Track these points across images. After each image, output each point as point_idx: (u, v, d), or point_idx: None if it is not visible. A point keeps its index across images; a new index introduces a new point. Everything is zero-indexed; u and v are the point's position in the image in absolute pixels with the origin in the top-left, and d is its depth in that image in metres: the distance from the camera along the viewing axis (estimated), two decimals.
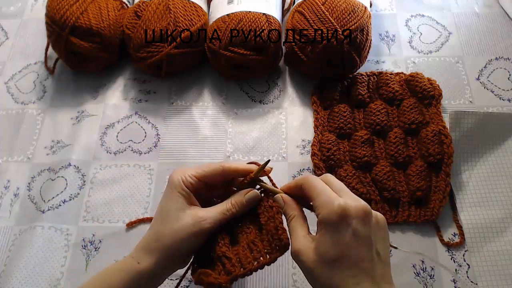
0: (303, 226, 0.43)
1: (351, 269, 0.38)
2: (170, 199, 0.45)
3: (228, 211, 0.45)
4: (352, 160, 0.64)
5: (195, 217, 0.43)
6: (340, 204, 0.39)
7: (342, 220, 0.38)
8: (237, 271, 0.42)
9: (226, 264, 0.42)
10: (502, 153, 0.64)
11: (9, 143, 0.70)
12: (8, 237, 0.61)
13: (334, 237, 0.38)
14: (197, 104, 0.72)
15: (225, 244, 0.44)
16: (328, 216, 0.39)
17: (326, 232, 0.39)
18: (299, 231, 0.42)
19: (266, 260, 0.43)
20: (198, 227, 0.43)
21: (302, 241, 0.41)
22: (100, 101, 0.73)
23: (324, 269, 0.39)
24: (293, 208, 0.45)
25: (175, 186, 0.44)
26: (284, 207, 0.45)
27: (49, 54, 0.76)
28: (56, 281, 0.57)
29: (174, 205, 0.44)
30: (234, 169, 0.47)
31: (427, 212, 0.60)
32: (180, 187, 0.44)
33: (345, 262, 0.38)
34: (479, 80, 0.72)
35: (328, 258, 0.38)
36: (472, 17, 0.80)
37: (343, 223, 0.38)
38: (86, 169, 0.66)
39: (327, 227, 0.39)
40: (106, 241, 0.60)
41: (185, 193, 0.44)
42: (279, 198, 0.46)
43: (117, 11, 0.72)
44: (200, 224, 0.43)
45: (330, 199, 0.40)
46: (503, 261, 0.57)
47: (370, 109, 0.67)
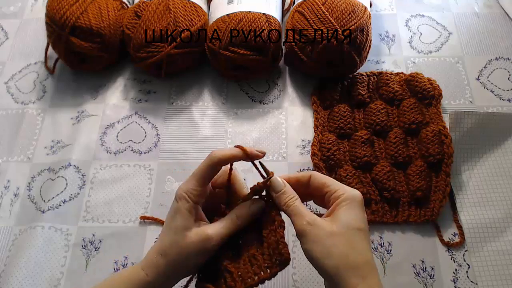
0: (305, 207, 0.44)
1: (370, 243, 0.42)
2: (177, 216, 0.44)
3: (233, 224, 0.45)
4: (352, 160, 0.64)
5: (202, 236, 0.43)
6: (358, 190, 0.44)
7: (363, 203, 0.44)
8: (238, 286, 0.42)
9: (227, 278, 0.43)
10: (502, 153, 0.64)
11: (9, 143, 0.70)
12: (8, 237, 0.61)
13: (360, 212, 0.43)
14: (197, 104, 0.72)
15: (227, 257, 0.44)
16: (353, 195, 0.43)
17: (352, 206, 0.42)
18: (306, 208, 0.44)
19: (266, 275, 0.43)
20: (204, 245, 0.43)
21: (313, 215, 0.43)
22: (100, 101, 0.73)
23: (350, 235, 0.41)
24: (293, 191, 0.45)
25: (181, 203, 0.44)
26: (284, 188, 0.45)
27: (49, 54, 0.76)
28: (56, 281, 0.57)
29: (181, 224, 0.44)
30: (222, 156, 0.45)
31: (427, 212, 0.60)
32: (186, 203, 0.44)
33: (367, 235, 0.42)
34: (479, 80, 0.72)
35: (355, 226, 0.41)
36: (472, 17, 0.80)
37: (363, 206, 0.43)
38: (86, 169, 0.66)
39: (353, 203, 0.43)
40: (106, 241, 0.60)
41: (192, 208, 0.44)
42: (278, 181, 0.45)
43: (117, 11, 0.72)
44: (207, 242, 0.43)
45: (346, 186, 0.44)
46: (503, 261, 0.57)
47: (370, 109, 0.67)
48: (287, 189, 0.45)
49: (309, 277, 0.57)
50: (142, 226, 0.62)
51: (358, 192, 0.44)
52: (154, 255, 0.45)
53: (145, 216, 0.62)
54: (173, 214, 0.45)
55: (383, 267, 0.57)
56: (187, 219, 0.44)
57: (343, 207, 0.42)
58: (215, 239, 0.44)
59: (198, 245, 0.43)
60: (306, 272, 0.58)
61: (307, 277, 0.57)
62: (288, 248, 0.43)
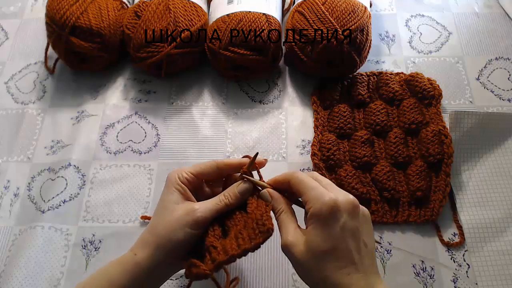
0: (292, 220, 0.44)
1: (341, 261, 0.39)
2: (166, 194, 0.46)
3: (221, 201, 0.46)
4: (352, 160, 0.64)
5: (188, 208, 0.45)
6: (331, 198, 0.40)
7: (332, 214, 0.40)
8: (221, 257, 0.42)
9: (212, 253, 0.43)
10: (502, 153, 0.64)
11: (9, 143, 0.70)
12: (8, 237, 0.61)
13: (325, 230, 0.40)
14: (197, 104, 0.72)
15: (214, 235, 0.45)
16: (319, 210, 0.40)
17: (317, 226, 0.40)
18: (289, 225, 0.43)
19: (249, 246, 0.42)
20: (190, 216, 0.44)
21: (292, 235, 0.42)
22: (100, 101, 0.73)
23: (316, 262, 0.40)
24: (281, 202, 0.45)
25: (171, 182, 0.47)
26: (271, 202, 0.45)
27: (49, 54, 0.76)
28: (56, 281, 0.57)
29: (169, 199, 0.46)
30: (228, 164, 0.49)
31: (427, 212, 0.60)
32: (176, 183, 0.46)
33: (336, 254, 0.39)
34: (479, 80, 0.72)
35: (320, 250, 0.39)
36: (472, 17, 0.80)
37: (334, 217, 0.40)
38: (86, 169, 0.66)
39: (318, 221, 0.40)
40: (106, 241, 0.60)
41: (181, 188, 0.46)
42: (265, 194, 0.46)
43: (117, 11, 0.72)
44: (192, 214, 0.44)
45: (320, 193, 0.41)
46: (503, 261, 0.57)
47: (370, 109, 0.68)
48: (273, 204, 0.45)
49: None
50: (142, 226, 0.62)
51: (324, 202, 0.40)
52: (144, 234, 0.46)
53: (146, 216, 0.62)
54: (164, 193, 0.47)
55: (383, 267, 0.57)
56: (176, 196, 0.46)
57: (310, 225, 0.41)
58: (200, 210, 0.44)
59: (185, 217, 0.44)
60: None
61: None
62: (272, 221, 0.43)
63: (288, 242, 0.41)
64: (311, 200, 0.41)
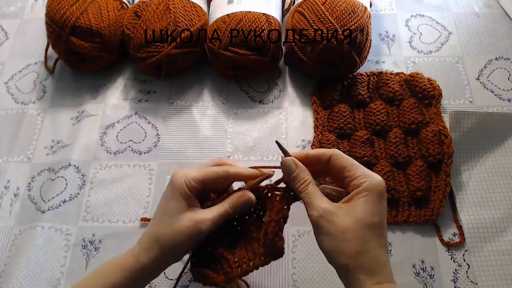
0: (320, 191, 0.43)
1: (382, 238, 0.40)
2: (172, 200, 0.45)
3: (226, 212, 0.46)
4: None
5: (194, 220, 0.44)
6: (382, 178, 0.41)
7: (384, 192, 0.41)
8: (234, 272, 0.43)
9: (224, 264, 0.44)
10: (502, 153, 0.64)
11: (9, 143, 0.70)
12: (8, 237, 0.61)
13: (378, 205, 0.40)
14: (197, 104, 0.72)
15: (223, 244, 0.46)
16: (375, 186, 0.40)
17: (369, 199, 0.40)
18: (321, 195, 0.42)
19: (260, 262, 0.43)
20: (196, 229, 0.44)
21: (330, 204, 0.41)
22: (100, 101, 0.73)
23: (363, 233, 0.39)
24: (307, 173, 0.44)
25: (177, 188, 0.45)
26: (296, 171, 0.44)
27: (49, 54, 0.76)
28: (56, 281, 0.57)
29: (175, 207, 0.44)
30: (239, 174, 0.47)
31: (427, 212, 0.60)
32: (183, 190, 0.44)
33: (380, 230, 0.40)
34: (479, 80, 0.72)
35: (371, 222, 0.40)
36: (472, 17, 0.80)
37: (384, 195, 0.41)
38: (86, 169, 0.66)
39: (372, 194, 0.40)
40: (106, 241, 0.60)
41: (188, 196, 0.45)
42: (290, 162, 0.44)
43: (117, 11, 0.72)
44: (198, 227, 0.44)
45: (369, 172, 0.42)
46: (503, 261, 0.57)
47: (370, 109, 0.68)
48: (298, 172, 0.44)
49: (309, 277, 0.57)
50: (142, 227, 0.62)
51: (380, 180, 0.41)
52: (147, 240, 0.45)
53: (146, 218, 0.62)
54: (168, 198, 0.45)
55: None
56: (182, 204, 0.44)
57: (361, 198, 0.40)
58: (206, 224, 0.44)
59: (191, 229, 0.44)
60: (306, 272, 0.58)
61: (307, 277, 0.57)
62: (283, 242, 0.43)
63: (328, 210, 0.40)
64: (363, 175, 0.41)
